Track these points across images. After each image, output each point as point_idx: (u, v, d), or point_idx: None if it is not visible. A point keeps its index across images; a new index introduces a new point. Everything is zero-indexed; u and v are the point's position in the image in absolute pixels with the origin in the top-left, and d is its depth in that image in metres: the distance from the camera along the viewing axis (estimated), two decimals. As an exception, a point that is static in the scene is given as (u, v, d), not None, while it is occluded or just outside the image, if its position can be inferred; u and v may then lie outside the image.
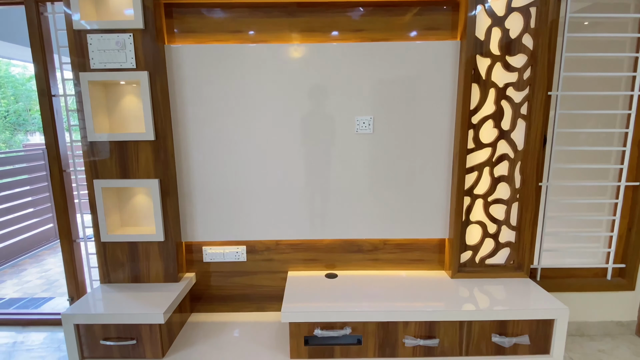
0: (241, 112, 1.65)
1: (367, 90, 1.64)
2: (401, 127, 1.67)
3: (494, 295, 1.61)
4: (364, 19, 1.62)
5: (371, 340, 1.52)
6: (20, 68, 12.41)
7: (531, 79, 1.60)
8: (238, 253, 1.82)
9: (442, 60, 1.62)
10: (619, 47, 1.79)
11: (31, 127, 14.60)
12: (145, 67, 1.53)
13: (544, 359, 1.53)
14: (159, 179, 1.62)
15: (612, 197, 1.92)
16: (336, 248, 1.84)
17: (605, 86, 1.81)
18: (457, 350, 1.53)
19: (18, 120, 13.32)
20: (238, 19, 1.62)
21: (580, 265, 1.96)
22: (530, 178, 1.67)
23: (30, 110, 14.25)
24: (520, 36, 1.58)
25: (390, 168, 1.71)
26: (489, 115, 1.65)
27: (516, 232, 1.75)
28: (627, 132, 1.82)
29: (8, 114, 12.75)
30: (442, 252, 1.84)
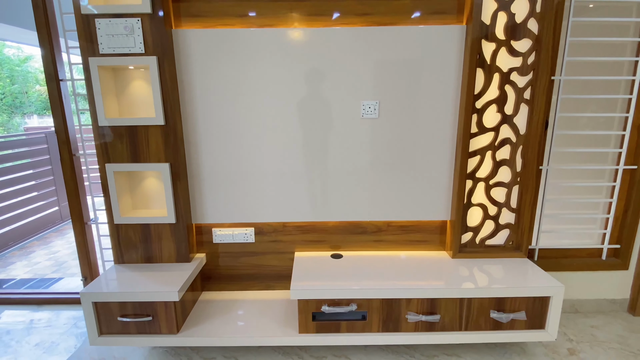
0: (248, 96, 1.68)
1: (373, 75, 1.66)
2: (406, 111, 1.70)
3: (492, 274, 1.68)
4: (369, 2, 1.62)
5: (375, 316, 1.60)
6: (14, 49, 12.17)
7: (535, 64, 1.62)
8: (247, 234, 1.88)
9: (447, 44, 1.63)
10: (623, 31, 1.80)
11: (28, 110, 14.45)
12: (154, 52, 1.55)
13: (539, 334, 1.61)
14: (170, 163, 1.66)
15: (610, 180, 1.97)
16: (341, 230, 1.90)
17: (607, 71, 1.83)
18: (457, 326, 1.61)
19: (14, 103, 13.17)
20: (244, 2, 1.62)
21: (577, 246, 2.03)
22: (531, 162, 1.72)
23: (27, 92, 14.06)
24: (525, 20, 1.59)
25: (395, 152, 1.75)
26: (492, 99, 1.68)
27: (516, 214, 1.81)
28: (628, 117, 1.85)
29: (4, 96, 12.59)
30: (444, 233, 1.90)
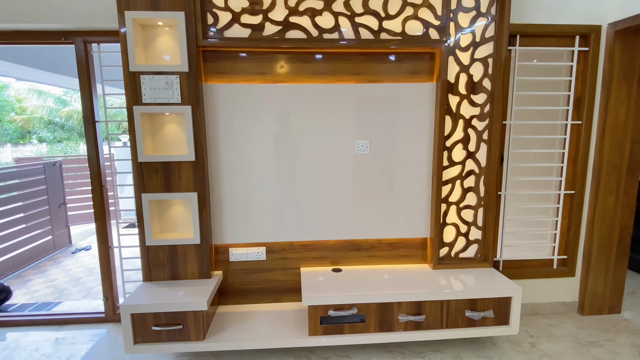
0: (262, 136, 2.04)
1: (365, 120, 2.07)
2: (392, 149, 2.12)
3: (465, 281, 2.05)
4: (361, 65, 2.06)
5: (373, 318, 1.91)
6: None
7: (490, 112, 2.09)
8: (259, 253, 2.18)
9: (422, 97, 2.08)
10: (556, 86, 2.32)
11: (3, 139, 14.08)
12: (188, 102, 1.89)
13: (504, 329, 1.98)
14: (197, 192, 1.97)
15: (555, 203, 2.43)
16: (340, 247, 2.23)
17: (546, 116, 2.33)
18: (439, 324, 1.95)
19: (-13, 131, 12.86)
20: (262, 63, 2.02)
21: (533, 258, 2.45)
22: (492, 188, 2.15)
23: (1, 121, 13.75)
24: (481, 80, 2.06)
25: (383, 181, 2.14)
26: (458, 140, 2.12)
27: (482, 231, 2.21)
28: (564, 152, 2.34)
29: (-23, 124, 12.29)
30: (425, 248, 2.28)
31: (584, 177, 2.34)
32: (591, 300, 2.43)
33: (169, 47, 1.93)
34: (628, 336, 2.20)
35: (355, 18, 1.95)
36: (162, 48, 1.93)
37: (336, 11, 1.94)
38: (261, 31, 1.93)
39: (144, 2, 1.81)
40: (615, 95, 2.20)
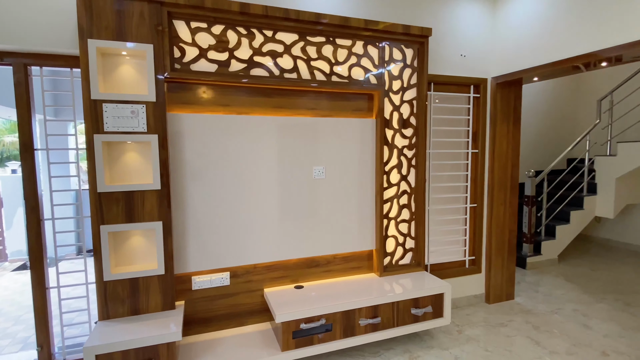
0: (223, 165, 2.14)
1: (321, 148, 2.35)
2: (344, 173, 2.43)
3: (408, 284, 2.42)
4: (315, 101, 2.36)
5: (338, 326, 2.12)
6: None
7: (416, 143, 2.57)
8: (223, 278, 2.21)
9: (366, 130, 2.46)
10: (460, 123, 2.97)
11: None
12: (155, 131, 1.91)
13: (440, 321, 2.39)
14: (162, 221, 1.95)
15: (464, 214, 3.04)
16: (300, 265, 2.41)
17: (454, 146, 2.95)
18: (392, 323, 2.26)
19: None
20: (227, 95, 2.16)
21: (451, 260, 2.99)
22: (420, 205, 2.61)
23: None
24: (409, 117, 2.55)
25: (338, 203, 2.43)
26: (394, 165, 2.54)
27: (415, 241, 2.65)
28: (467, 174, 2.98)
29: None
30: (371, 259, 2.60)
31: (482, 193, 3.00)
32: (494, 291, 3.07)
33: (131, 76, 1.93)
34: (522, 315, 2.85)
35: (311, 62, 2.26)
36: (124, 77, 1.92)
37: (295, 55, 2.22)
38: (227, 67, 2.08)
39: (109, 31, 1.81)
40: (499, 130, 2.94)
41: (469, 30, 2.85)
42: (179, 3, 1.90)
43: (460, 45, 2.82)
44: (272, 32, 2.16)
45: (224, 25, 2.06)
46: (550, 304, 3.05)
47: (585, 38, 2.26)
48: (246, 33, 2.11)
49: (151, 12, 1.87)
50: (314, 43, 2.26)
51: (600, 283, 3.55)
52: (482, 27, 2.89)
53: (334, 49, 2.31)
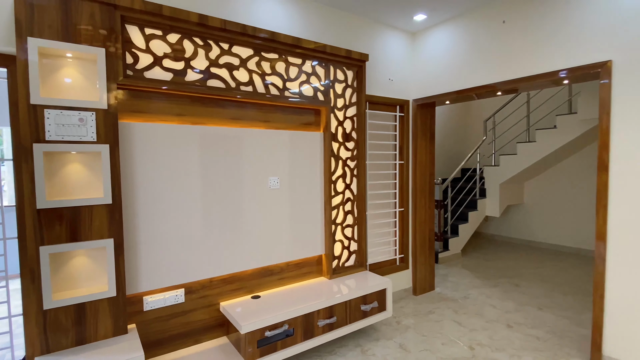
0: (178, 176, 2.08)
1: (275, 159, 2.44)
2: (296, 183, 2.55)
3: (355, 283, 2.65)
4: (269, 114, 2.45)
5: (299, 330, 2.21)
6: None
7: (357, 155, 2.85)
8: (177, 296, 2.11)
9: (315, 143, 2.64)
10: (389, 138, 3.37)
11: None
12: (105, 141, 1.77)
13: (384, 314, 2.66)
14: (114, 238, 1.80)
15: (394, 218, 3.42)
16: (255, 276, 2.43)
17: (385, 158, 3.32)
18: (346, 321, 2.44)
19: None
20: (181, 105, 2.11)
21: (385, 259, 3.34)
22: (362, 210, 2.89)
23: None
24: (351, 132, 2.82)
25: (291, 211, 2.53)
26: (339, 175, 2.77)
27: (357, 243, 2.90)
28: (396, 182, 3.38)
29: None
30: (321, 264, 2.76)
31: (408, 198, 3.43)
32: (419, 284, 3.51)
33: (78, 81, 1.76)
34: (443, 303, 3.33)
35: (266, 77, 2.35)
36: (69, 82, 1.74)
37: (250, 69, 2.29)
38: (183, 76, 2.04)
39: (53, 30, 1.64)
40: (419, 144, 3.42)
41: (395, 58, 3.28)
42: (134, 8, 1.82)
43: (388, 71, 3.23)
44: (229, 45, 2.20)
45: (180, 35, 2.03)
46: (461, 291, 3.62)
47: (481, 74, 2.85)
48: (202, 44, 2.11)
49: (103, 14, 1.75)
50: (268, 59, 2.36)
51: (494, 270, 4.33)
52: (405, 56, 3.36)
53: (286, 66, 2.44)
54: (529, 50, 2.57)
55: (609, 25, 2.18)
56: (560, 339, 2.62)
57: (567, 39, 2.36)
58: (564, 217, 5.20)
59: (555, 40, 2.42)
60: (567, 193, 5.16)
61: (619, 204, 2.16)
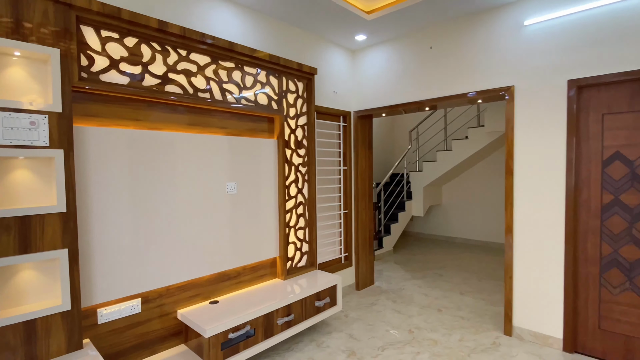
0: (136, 182, 2.04)
1: (233, 165, 2.50)
2: (252, 188, 2.63)
3: (309, 282, 2.81)
4: (226, 121, 2.50)
5: (260, 330, 2.30)
6: None
7: (308, 161, 3.04)
8: (134, 306, 2.04)
9: (269, 149, 2.76)
10: (334, 146, 3.62)
11: None
12: (59, 146, 1.67)
13: (335, 308, 2.87)
14: (68, 249, 1.70)
15: (339, 219, 3.68)
16: (212, 281, 2.44)
17: (332, 164, 3.57)
18: (302, 317, 2.59)
19: None
20: (138, 110, 2.06)
21: (332, 258, 3.56)
22: (312, 213, 3.08)
23: None
24: (302, 139, 2.99)
25: (248, 216, 2.60)
26: (292, 180, 2.92)
27: (309, 245, 3.08)
28: (340, 187, 3.65)
29: None
30: (275, 266, 2.87)
31: (351, 201, 3.73)
32: (362, 279, 3.82)
33: (27, 82, 1.64)
34: (383, 295, 3.67)
35: (223, 84, 2.41)
36: (15, 82, 1.62)
37: (208, 76, 2.33)
38: (141, 81, 2.01)
39: (1, 27, 1.51)
40: (360, 152, 3.74)
41: (339, 73, 3.56)
42: (91, 9, 1.76)
43: (333, 84, 3.49)
44: (187, 52, 2.22)
45: (138, 39, 2.00)
46: (396, 284, 4.03)
47: (411, 91, 3.27)
48: (160, 49, 2.10)
49: (57, 13, 1.67)
50: (225, 67, 2.42)
51: (420, 264, 4.87)
52: (347, 71, 3.66)
53: (242, 75, 2.53)
54: (450, 73, 3.04)
55: (513, 57, 2.72)
56: (480, 317, 3.12)
57: (481, 66, 2.87)
58: (475, 215, 6.05)
59: (473, 66, 2.92)
60: (477, 194, 6.02)
61: (522, 203, 2.70)
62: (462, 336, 2.76)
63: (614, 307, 2.39)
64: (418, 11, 2.86)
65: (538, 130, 2.61)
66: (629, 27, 2.23)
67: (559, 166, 2.53)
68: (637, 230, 2.30)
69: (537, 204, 2.63)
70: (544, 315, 2.61)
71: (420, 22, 3.06)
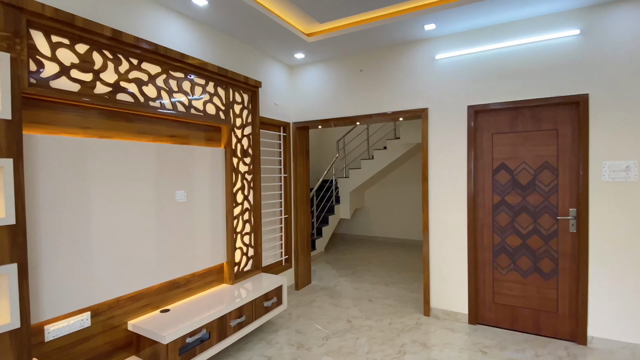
0: (86, 191, 1.99)
1: (182, 173, 2.54)
2: (201, 196, 2.70)
3: (257, 284, 2.96)
4: (175, 130, 2.54)
5: (215, 332, 2.38)
6: None
7: (253, 169, 3.20)
8: (83, 320, 1.97)
9: (217, 158, 2.85)
10: (276, 154, 3.82)
11: None
12: (8, 154, 1.59)
13: (281, 307, 3.07)
14: (18, 263, 1.61)
15: (280, 224, 3.88)
16: (163, 290, 2.44)
17: (274, 171, 3.76)
18: (252, 318, 2.73)
19: None
20: (89, 117, 2.01)
21: (274, 261, 3.74)
22: (258, 219, 3.23)
23: None
24: (248, 148, 3.14)
25: (198, 223, 2.66)
26: (239, 187, 3.05)
27: (254, 249, 3.23)
28: (282, 193, 3.86)
29: None
30: (222, 272, 2.95)
31: (290, 206, 3.96)
32: (300, 279, 4.07)
33: (-34, 85, 1.53)
34: (321, 292, 3.97)
35: (173, 94, 2.45)
36: (-48, 84, 1.49)
37: (159, 85, 2.35)
38: (92, 88, 1.98)
39: (-58, 26, 1.41)
40: (299, 161, 4.01)
41: (280, 86, 3.79)
42: (43, 14, 1.71)
43: (274, 96, 3.71)
44: (138, 61, 2.23)
45: (89, 46, 1.97)
46: (330, 281, 4.38)
47: (342, 107, 3.68)
48: (112, 57, 2.08)
49: (7, 16, 1.59)
50: (175, 77, 2.47)
51: (349, 262, 5.33)
52: (286, 85, 3.91)
53: (191, 85, 2.59)
54: (378, 94, 3.51)
55: (427, 84, 3.28)
56: (404, 303, 3.62)
57: (403, 90, 3.39)
58: (393, 216, 6.79)
59: (396, 89, 3.42)
60: (394, 197, 6.77)
61: (435, 205, 3.27)
62: (391, 320, 3.20)
63: (503, 285, 3.07)
64: (351, 39, 3.26)
65: (447, 145, 3.20)
66: (507, 68, 2.94)
67: (462, 174, 3.14)
68: (518, 224, 3.01)
69: (446, 205, 3.21)
70: (454, 296, 3.20)
71: (353, 48, 3.47)
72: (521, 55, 2.88)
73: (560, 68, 2.75)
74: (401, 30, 3.09)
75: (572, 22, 2.70)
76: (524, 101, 2.89)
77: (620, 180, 2.58)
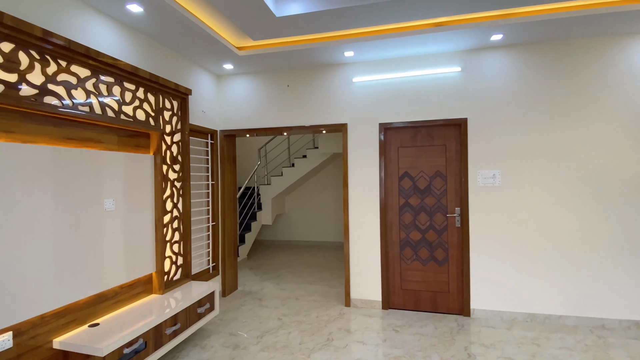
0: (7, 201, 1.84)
1: (111, 180, 2.46)
2: (131, 204, 2.63)
3: (187, 293, 2.97)
4: (102, 135, 2.45)
5: (151, 342, 2.36)
6: None
7: (183, 177, 3.20)
8: (4, 341, 1.79)
9: (147, 165, 2.81)
10: (203, 161, 3.83)
11: None
12: None
13: (214, 313, 3.12)
14: None
15: (207, 231, 3.88)
16: (90, 304, 2.32)
17: (201, 179, 3.76)
18: (187, 325, 2.74)
19: None
20: (11, 121, 1.86)
21: (202, 269, 3.74)
22: (187, 227, 3.23)
23: None
24: (177, 155, 3.14)
25: (126, 233, 2.58)
26: (168, 195, 3.03)
27: (183, 257, 3.21)
28: (209, 200, 3.88)
29: None
30: (151, 282, 2.88)
31: (218, 213, 4.01)
32: (228, 286, 4.12)
33: None
34: (248, 296, 4.08)
35: (103, 99, 2.38)
36: None
37: (88, 89, 2.27)
38: (18, 90, 1.85)
39: None
40: (226, 167, 4.09)
41: (207, 94, 3.84)
42: (-35, 8, 1.58)
43: (202, 104, 3.75)
44: (67, 63, 2.13)
45: (15, 45, 1.84)
46: (256, 285, 4.51)
47: (268, 119, 3.93)
48: (39, 58, 1.97)
49: None
50: (105, 82, 2.40)
51: (272, 266, 5.52)
52: (214, 94, 3.97)
53: (121, 90, 2.54)
54: (303, 108, 3.85)
55: (346, 102, 3.74)
56: (327, 297, 3.99)
57: (326, 105, 3.79)
58: (312, 220, 7.20)
59: (319, 105, 3.80)
60: (313, 203, 7.20)
61: (354, 208, 3.72)
62: (318, 314, 3.52)
63: (408, 273, 3.65)
64: (280, 57, 3.53)
65: (364, 156, 3.70)
66: (409, 94, 3.57)
67: (375, 181, 3.66)
68: (418, 221, 3.63)
69: (363, 208, 3.69)
70: (369, 287, 3.68)
71: (282, 64, 3.74)
72: (420, 84, 3.54)
73: (447, 96, 3.47)
74: (325, 54, 3.48)
75: (456, 61, 3.44)
76: (421, 122, 3.55)
77: (490, 185, 3.38)
